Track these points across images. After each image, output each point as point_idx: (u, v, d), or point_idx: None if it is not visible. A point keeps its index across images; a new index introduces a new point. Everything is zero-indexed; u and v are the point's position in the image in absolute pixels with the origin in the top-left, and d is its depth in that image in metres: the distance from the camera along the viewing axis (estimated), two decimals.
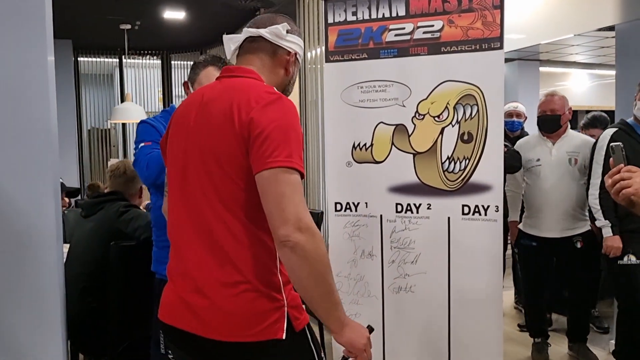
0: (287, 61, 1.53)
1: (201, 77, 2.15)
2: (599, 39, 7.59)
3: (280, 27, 1.49)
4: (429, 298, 2.54)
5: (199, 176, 1.38)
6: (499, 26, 2.37)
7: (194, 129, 1.41)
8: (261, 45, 1.50)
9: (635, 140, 2.98)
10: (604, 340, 3.79)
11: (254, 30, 1.49)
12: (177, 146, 1.47)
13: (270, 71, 1.50)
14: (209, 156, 1.36)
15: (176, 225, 1.47)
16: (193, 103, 1.47)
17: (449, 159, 2.49)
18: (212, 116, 1.37)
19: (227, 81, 1.46)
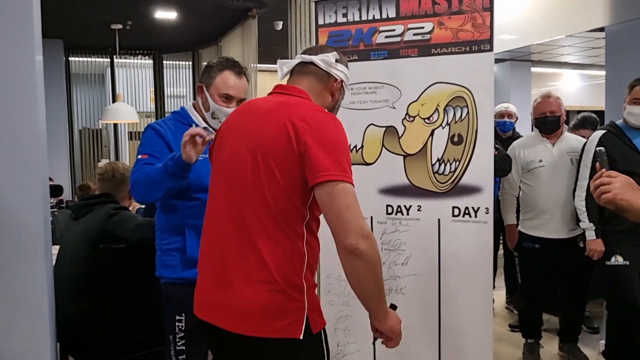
0: (334, 87, 1.68)
1: (217, 82, 2.12)
2: (589, 39, 7.63)
3: (330, 55, 1.67)
4: (420, 299, 2.54)
5: (247, 179, 1.49)
6: (489, 28, 2.38)
7: (247, 136, 1.53)
8: (312, 70, 1.65)
9: (623, 142, 3.00)
10: (594, 340, 3.81)
11: (306, 57, 1.66)
12: (227, 149, 1.59)
13: (318, 95, 1.64)
14: (260, 163, 1.47)
15: (214, 220, 1.59)
16: (246, 113, 1.62)
17: (439, 161, 2.49)
18: (267, 126, 1.49)
19: (280, 97, 1.60)
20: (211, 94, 2.13)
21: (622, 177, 1.40)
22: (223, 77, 2.12)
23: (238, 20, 6.36)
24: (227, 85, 2.12)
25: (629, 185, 1.38)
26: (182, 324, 2.09)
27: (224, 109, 2.12)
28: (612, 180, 1.40)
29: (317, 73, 1.65)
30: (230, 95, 2.12)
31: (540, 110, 3.39)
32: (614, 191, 1.38)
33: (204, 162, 2.05)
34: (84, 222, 2.72)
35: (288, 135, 1.43)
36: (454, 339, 2.49)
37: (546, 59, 9.50)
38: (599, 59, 9.06)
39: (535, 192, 3.36)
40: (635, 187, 1.38)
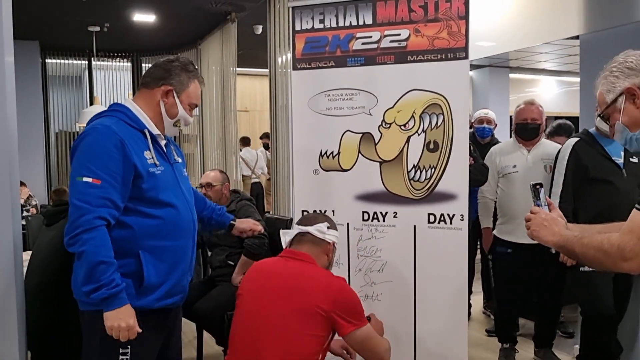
0: (329, 249, 2.13)
1: (191, 90, 2.02)
2: (566, 47, 7.75)
3: (322, 225, 2.11)
4: (396, 306, 2.54)
5: (274, 326, 1.91)
6: (464, 36, 2.40)
7: (272, 295, 1.96)
8: (309, 238, 2.10)
9: (596, 150, 3.04)
10: (569, 344, 3.85)
11: (303, 228, 2.12)
12: (251, 304, 2.00)
13: (317, 257, 2.08)
14: (287, 319, 1.90)
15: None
16: (267, 274, 2.06)
17: (415, 168, 2.50)
18: (292, 291, 1.95)
19: (294, 263, 2.05)
20: (182, 101, 2.00)
21: (540, 215, 1.55)
22: (196, 86, 2.04)
23: (217, 24, 6.33)
24: (198, 96, 2.05)
25: (543, 221, 1.53)
26: (127, 358, 1.88)
27: (187, 116, 2.03)
28: (532, 217, 1.56)
29: (313, 240, 2.10)
30: (197, 105, 2.07)
31: (523, 116, 3.42)
32: (530, 228, 1.55)
33: (162, 175, 1.93)
34: (56, 228, 2.67)
35: (314, 302, 1.92)
36: (429, 344, 2.50)
37: (524, 66, 9.63)
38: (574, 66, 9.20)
39: (508, 197, 3.40)
40: (552, 224, 1.52)
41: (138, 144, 1.89)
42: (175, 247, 1.95)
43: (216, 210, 2.41)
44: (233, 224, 2.44)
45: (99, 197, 1.77)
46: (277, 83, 4.82)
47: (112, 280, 1.75)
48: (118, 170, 1.80)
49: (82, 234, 1.75)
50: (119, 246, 1.83)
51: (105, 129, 1.84)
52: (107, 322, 1.77)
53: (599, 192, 2.97)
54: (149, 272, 1.87)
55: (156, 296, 1.93)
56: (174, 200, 1.94)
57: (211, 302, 3.21)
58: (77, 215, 1.77)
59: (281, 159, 4.79)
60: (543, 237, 1.53)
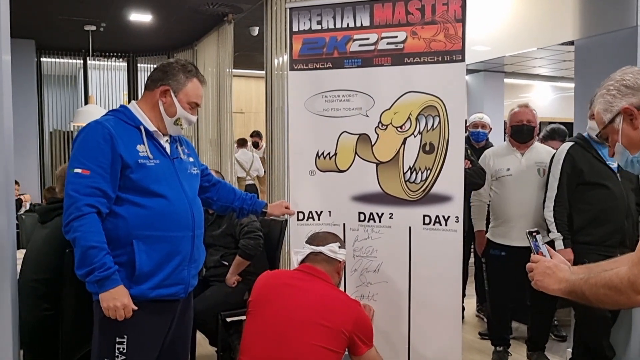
0: (340, 267, 2.28)
1: (189, 89, 2.08)
2: (560, 52, 7.80)
3: (334, 245, 2.24)
4: (390, 306, 2.55)
5: (298, 336, 1.99)
6: (461, 39, 2.41)
7: (297, 307, 2.05)
8: (322, 257, 2.23)
9: (590, 154, 3.07)
10: (562, 348, 3.86)
11: (315, 248, 2.24)
12: (269, 313, 2.08)
13: (331, 275, 2.22)
14: (312, 332, 1.99)
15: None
16: (290, 286, 2.14)
17: (411, 169, 2.51)
18: (317, 307, 2.06)
19: (316, 280, 2.16)
20: (180, 100, 2.07)
21: (542, 263, 1.50)
22: (194, 85, 2.09)
23: (214, 25, 6.34)
24: (198, 94, 2.10)
25: (546, 269, 1.48)
26: (124, 347, 1.96)
27: (187, 115, 2.09)
28: (534, 267, 1.52)
29: (327, 260, 2.22)
30: (198, 104, 2.11)
31: (518, 118, 3.43)
32: (535, 278, 1.51)
33: (155, 168, 2.01)
34: (50, 226, 2.66)
35: (336, 322, 2.04)
36: (423, 345, 2.51)
37: (519, 71, 9.69)
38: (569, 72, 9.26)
39: (502, 200, 3.42)
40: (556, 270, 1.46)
41: (131, 138, 2.00)
42: (169, 238, 2.00)
43: (247, 200, 2.55)
44: (265, 211, 2.58)
45: (87, 186, 1.89)
46: (274, 85, 4.83)
47: (104, 263, 1.86)
48: (106, 161, 1.91)
49: (72, 222, 1.88)
50: (114, 236, 1.93)
51: (96, 125, 1.97)
52: (103, 304, 1.88)
53: (594, 196, 2.99)
54: (141, 260, 1.94)
55: (150, 285, 1.97)
56: (166, 192, 2.00)
57: (205, 302, 3.21)
58: (68, 204, 1.90)
59: (277, 161, 4.79)
60: (548, 285, 1.47)
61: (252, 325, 2.12)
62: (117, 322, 1.91)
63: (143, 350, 2.01)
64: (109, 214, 1.95)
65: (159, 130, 2.08)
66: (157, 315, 2.03)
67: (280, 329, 2.03)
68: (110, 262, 1.88)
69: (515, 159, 3.43)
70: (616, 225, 2.94)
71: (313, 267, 2.21)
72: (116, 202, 1.96)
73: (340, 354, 2.06)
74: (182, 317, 2.17)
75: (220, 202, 2.50)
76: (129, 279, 1.94)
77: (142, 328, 1.99)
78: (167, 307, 2.06)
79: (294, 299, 2.09)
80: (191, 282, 2.12)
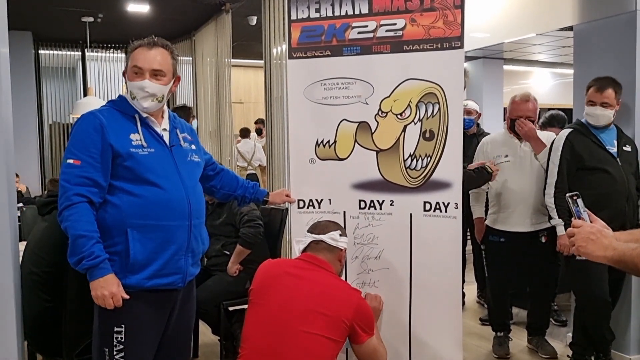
0: (341, 255, 2.30)
1: (132, 57, 2.05)
2: (560, 38, 7.76)
3: (335, 233, 2.26)
4: (392, 293, 2.56)
5: (294, 330, 2.01)
6: (460, 26, 2.40)
7: (299, 295, 2.08)
8: (324, 246, 2.25)
9: (590, 139, 3.08)
10: (562, 333, 3.89)
11: (317, 236, 2.25)
12: (271, 303, 2.10)
13: (332, 263, 2.24)
14: (313, 320, 2.01)
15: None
16: (290, 275, 2.16)
17: (411, 157, 2.51)
18: (318, 295, 2.08)
19: (317, 269, 2.18)
20: (128, 76, 2.06)
21: (584, 228, 1.43)
22: (134, 53, 2.05)
23: (212, 15, 6.31)
24: (136, 58, 2.03)
25: (589, 235, 1.41)
26: (122, 336, 1.97)
27: (134, 83, 2.01)
28: (575, 232, 1.44)
29: (328, 248, 2.24)
30: (139, 66, 2.02)
31: (517, 113, 3.40)
32: (576, 244, 1.43)
33: (149, 156, 2.00)
34: (49, 219, 2.67)
35: (337, 312, 2.07)
36: (424, 331, 2.53)
37: (518, 57, 9.64)
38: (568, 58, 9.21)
39: (500, 186, 3.42)
40: (601, 236, 1.40)
41: (124, 126, 2.00)
42: (164, 227, 1.99)
43: (249, 188, 2.57)
44: (266, 199, 2.62)
45: (77, 176, 1.91)
46: (273, 74, 4.82)
47: (92, 252, 1.87)
48: (97, 151, 1.93)
49: (64, 211, 1.91)
50: (109, 225, 1.94)
51: (88, 116, 2.00)
52: (92, 292, 1.90)
53: (594, 181, 3.00)
54: (135, 249, 1.94)
55: (145, 275, 1.97)
56: (160, 181, 1.99)
57: (207, 291, 3.22)
58: (60, 194, 1.93)
59: (276, 150, 4.80)
60: (592, 252, 1.40)
61: (253, 314, 2.13)
62: (114, 312, 1.92)
63: (141, 340, 2.02)
64: (103, 203, 1.96)
65: (152, 117, 2.07)
66: (155, 305, 2.04)
67: (281, 318, 2.04)
68: (100, 250, 1.89)
69: (513, 146, 3.43)
70: (617, 209, 2.95)
71: (314, 256, 2.23)
72: (110, 192, 1.96)
73: (341, 342, 2.08)
74: (183, 307, 2.16)
75: (224, 190, 2.51)
76: (124, 269, 1.95)
77: (140, 318, 1.99)
78: (166, 297, 2.06)
79: (295, 288, 2.11)
80: (190, 271, 2.11)
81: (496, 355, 3.55)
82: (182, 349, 2.23)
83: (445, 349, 2.48)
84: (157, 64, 2.04)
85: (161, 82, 2.05)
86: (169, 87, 2.10)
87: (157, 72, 2.04)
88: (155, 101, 2.05)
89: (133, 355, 1.99)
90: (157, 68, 2.04)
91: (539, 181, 3.33)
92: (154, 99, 2.04)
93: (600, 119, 3.05)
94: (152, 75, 2.03)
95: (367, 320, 2.13)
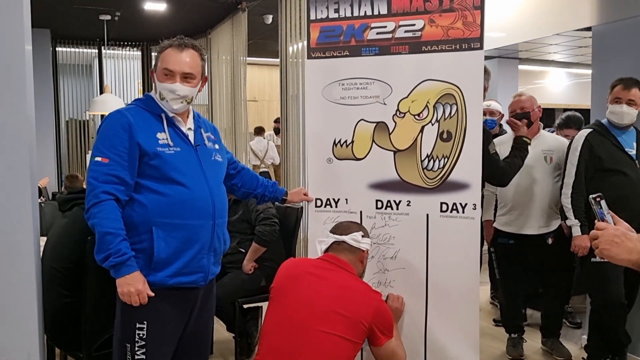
0: (363, 256, 2.31)
1: (162, 58, 2.06)
2: (576, 38, 7.71)
3: (357, 234, 2.27)
4: (407, 293, 2.57)
5: (313, 330, 2.01)
6: (479, 27, 2.40)
7: (319, 296, 2.08)
8: (346, 246, 2.26)
9: (609, 140, 3.05)
10: (577, 335, 3.88)
11: (339, 237, 2.27)
12: (291, 301, 2.12)
13: (354, 264, 2.24)
14: (332, 321, 2.02)
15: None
16: (312, 275, 2.17)
17: (429, 157, 2.52)
18: (338, 297, 2.08)
19: (338, 270, 2.18)
20: (157, 76, 2.07)
21: (608, 231, 1.40)
22: (166, 53, 2.06)
23: (228, 13, 6.34)
24: (169, 60, 2.04)
25: (614, 237, 1.38)
26: (144, 332, 1.99)
27: (165, 85, 2.03)
28: (599, 234, 1.41)
29: (350, 249, 2.26)
30: (170, 69, 2.03)
31: (511, 109, 3.41)
32: (600, 247, 1.40)
33: (175, 155, 2.01)
34: (69, 215, 2.70)
35: (356, 314, 2.08)
36: (440, 332, 2.53)
37: (533, 57, 9.59)
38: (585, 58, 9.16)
39: (509, 188, 3.40)
40: (625, 239, 1.37)
41: (151, 125, 2.02)
42: (188, 226, 2.01)
43: (268, 187, 2.59)
44: (285, 198, 2.65)
45: (105, 174, 1.94)
46: (288, 72, 4.84)
47: (119, 249, 1.90)
48: (124, 149, 1.95)
49: (91, 208, 1.93)
50: (135, 222, 1.97)
51: (116, 114, 2.02)
52: (119, 289, 1.93)
53: (612, 183, 2.98)
54: (159, 247, 1.96)
55: (169, 273, 2.00)
56: (185, 180, 2.01)
57: (222, 289, 3.25)
58: (88, 191, 1.96)
59: (292, 148, 4.82)
60: (616, 255, 1.37)
61: (272, 312, 2.15)
62: (137, 308, 1.94)
63: (163, 337, 2.04)
64: (129, 201, 1.98)
65: (178, 117, 2.09)
66: (177, 303, 2.06)
67: (301, 317, 2.06)
68: (126, 248, 1.92)
69: None
70: (635, 211, 2.93)
71: (336, 256, 2.23)
72: (136, 190, 1.99)
73: (359, 344, 2.09)
74: (204, 306, 2.19)
75: (244, 188, 2.53)
76: (148, 266, 1.97)
77: (162, 315, 2.02)
78: (188, 295, 2.09)
79: (316, 288, 2.12)
80: (211, 270, 2.13)
81: (510, 357, 3.54)
82: (201, 347, 2.25)
83: (462, 351, 2.48)
84: (188, 67, 2.06)
85: (191, 85, 2.07)
86: (198, 88, 2.13)
87: (187, 75, 2.06)
88: (185, 103, 2.08)
89: (154, 351, 2.02)
90: (188, 71, 2.06)
91: (547, 183, 3.33)
92: (184, 101, 2.07)
93: (625, 117, 3.02)
94: (183, 78, 2.05)
95: (386, 322, 2.15)
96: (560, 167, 3.34)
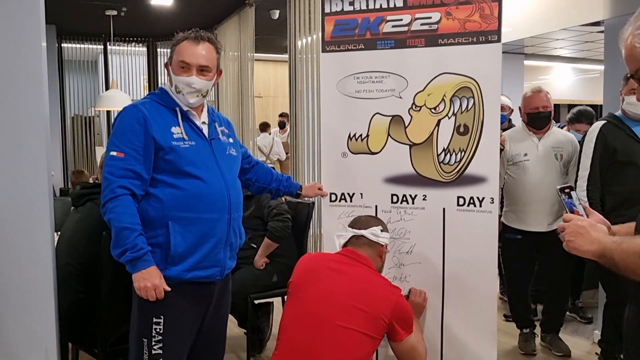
0: (382, 251, 2.30)
1: (175, 54, 2.05)
2: (583, 33, 7.67)
3: (376, 229, 2.26)
4: (423, 287, 2.56)
5: (332, 325, 2.01)
6: (497, 19, 2.38)
7: (340, 290, 2.08)
8: (364, 241, 2.25)
9: (623, 132, 3.02)
10: (588, 330, 3.87)
11: (357, 231, 2.26)
12: (310, 296, 2.11)
13: (373, 259, 2.24)
14: (352, 316, 2.01)
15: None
16: (331, 270, 2.16)
17: (445, 151, 2.50)
18: (358, 292, 2.08)
19: (358, 265, 2.18)
20: (173, 69, 2.05)
21: (574, 222, 1.33)
22: (182, 46, 2.04)
23: (234, 9, 6.32)
24: (185, 53, 2.02)
25: (579, 229, 1.30)
26: (160, 327, 1.99)
27: (181, 79, 2.01)
28: (565, 226, 1.34)
29: (369, 244, 2.25)
30: (187, 62, 2.01)
31: (533, 105, 3.39)
32: (565, 238, 1.33)
33: (190, 149, 2.01)
34: (82, 210, 2.69)
35: (375, 309, 2.08)
36: (457, 326, 2.52)
37: (539, 52, 9.56)
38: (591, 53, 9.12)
39: (518, 184, 3.40)
40: (590, 230, 1.30)
41: (165, 120, 2.01)
42: (204, 220, 2.00)
43: (283, 182, 2.58)
44: (300, 193, 2.64)
45: (121, 169, 1.93)
46: (297, 68, 4.82)
47: (136, 244, 1.89)
48: (139, 144, 1.94)
49: (107, 203, 1.93)
50: (151, 217, 1.96)
51: (131, 108, 2.01)
52: (135, 284, 1.93)
53: (626, 176, 2.96)
54: (176, 241, 1.95)
55: (185, 267, 1.99)
56: (201, 174, 2.00)
57: (234, 284, 3.22)
58: (104, 186, 1.95)
59: (301, 143, 4.80)
60: (580, 247, 1.29)
61: (291, 306, 2.14)
62: (154, 303, 1.94)
63: (179, 331, 2.04)
64: (145, 196, 1.98)
65: (193, 110, 2.08)
66: (194, 297, 2.06)
67: (320, 312, 2.05)
68: (143, 243, 1.91)
69: (532, 144, 3.40)
70: None
71: (355, 251, 2.23)
72: (152, 184, 1.98)
73: (378, 339, 2.08)
74: (220, 301, 2.18)
75: (258, 183, 2.52)
76: (165, 260, 1.97)
77: (179, 309, 2.01)
78: (204, 290, 2.08)
79: (335, 283, 2.11)
80: (228, 264, 2.13)
81: (522, 352, 3.53)
82: (217, 341, 2.24)
83: (480, 346, 2.47)
84: (204, 60, 2.04)
85: (207, 78, 2.06)
86: (213, 81, 2.11)
87: (203, 68, 2.04)
88: (200, 96, 2.06)
89: (171, 346, 2.01)
90: (204, 64, 2.04)
91: (557, 180, 3.31)
92: (199, 94, 2.06)
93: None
94: (199, 71, 2.03)
95: (406, 318, 2.13)
96: (569, 164, 3.33)
